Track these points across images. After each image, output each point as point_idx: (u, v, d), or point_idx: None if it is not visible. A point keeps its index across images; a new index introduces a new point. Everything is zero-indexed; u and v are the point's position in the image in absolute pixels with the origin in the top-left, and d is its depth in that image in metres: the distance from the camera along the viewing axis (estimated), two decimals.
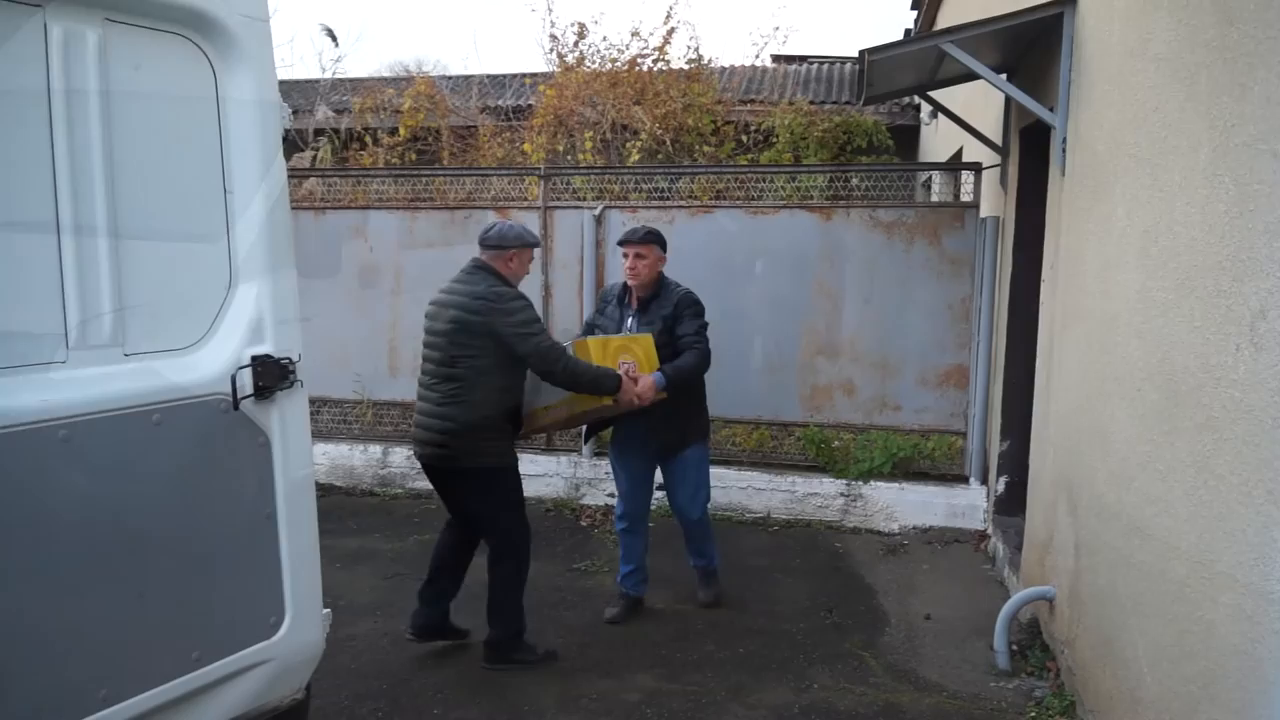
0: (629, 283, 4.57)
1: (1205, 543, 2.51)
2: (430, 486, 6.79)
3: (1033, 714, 3.79)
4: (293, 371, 2.55)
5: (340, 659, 4.12)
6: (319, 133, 10.78)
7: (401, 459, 6.98)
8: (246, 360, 2.44)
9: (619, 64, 9.83)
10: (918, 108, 11.26)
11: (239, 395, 2.42)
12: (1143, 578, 2.97)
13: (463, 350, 3.99)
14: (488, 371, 3.97)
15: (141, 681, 2.30)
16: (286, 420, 2.56)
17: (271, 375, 2.48)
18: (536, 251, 6.59)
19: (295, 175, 7.87)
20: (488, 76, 12.87)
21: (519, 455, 6.68)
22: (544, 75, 11.08)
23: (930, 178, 9.63)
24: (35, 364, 2.08)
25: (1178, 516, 2.71)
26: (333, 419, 7.19)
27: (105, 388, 2.18)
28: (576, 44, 10.29)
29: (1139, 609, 2.99)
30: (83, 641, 2.17)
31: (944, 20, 9.15)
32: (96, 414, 2.15)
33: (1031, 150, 5.24)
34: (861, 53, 4.63)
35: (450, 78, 12.68)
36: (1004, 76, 5.22)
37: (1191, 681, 2.55)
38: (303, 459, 2.64)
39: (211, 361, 2.40)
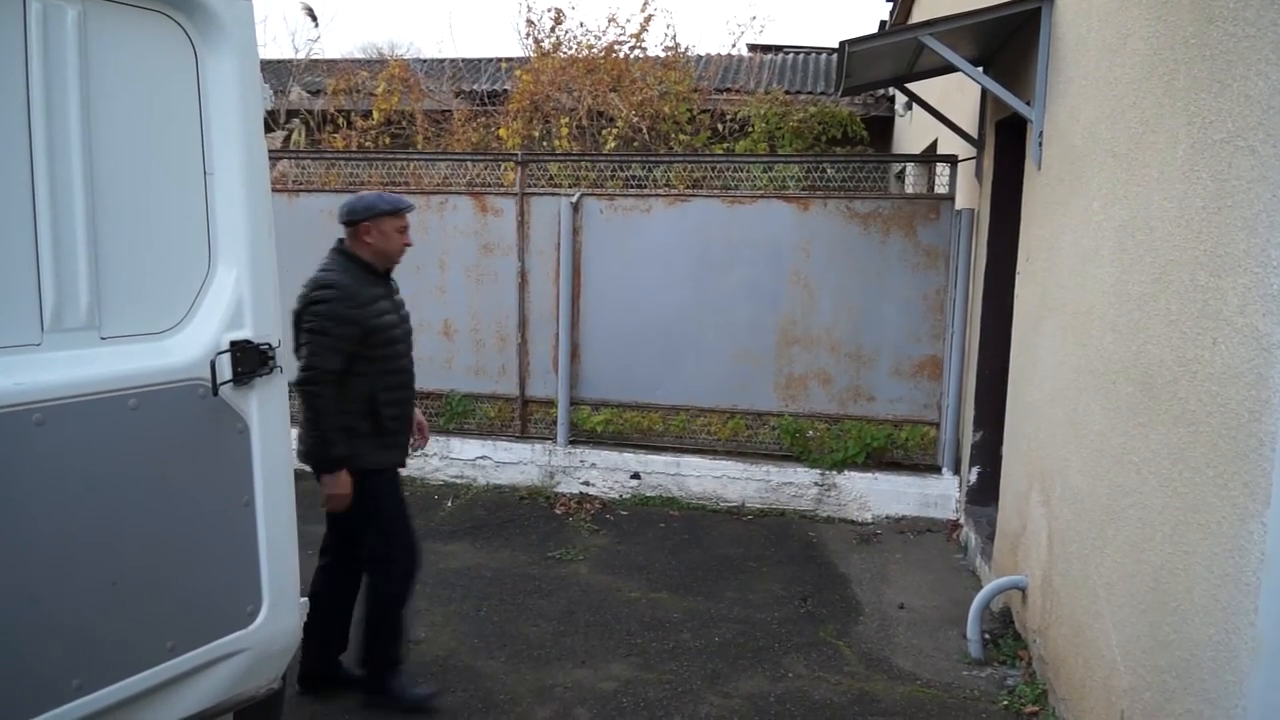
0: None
1: (1180, 534, 2.54)
2: (404, 473, 6.80)
3: (1005, 702, 3.84)
4: (272, 357, 2.51)
5: None
6: (292, 114, 10.64)
7: None
8: (225, 345, 2.40)
9: (595, 50, 9.78)
10: (892, 99, 11.30)
11: (218, 381, 2.38)
12: (1116, 568, 3.01)
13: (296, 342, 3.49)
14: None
15: (115, 671, 2.26)
16: (266, 407, 2.52)
17: (251, 361, 2.45)
18: (514, 238, 6.65)
19: (269, 156, 7.77)
20: (463, 60, 12.76)
21: (496, 443, 6.71)
22: (520, 60, 11.00)
23: (903, 169, 9.68)
24: (9, 346, 2.03)
25: (1152, 508, 2.74)
26: None
27: (81, 371, 2.13)
28: (553, 29, 10.22)
29: (1112, 599, 3.03)
30: (55, 630, 2.13)
31: (919, 13, 9.17)
32: (72, 398, 2.11)
33: (1007, 143, 5.28)
34: (841, 44, 4.63)
35: (424, 61, 12.56)
36: (981, 69, 5.25)
37: (1166, 671, 2.59)
38: (282, 446, 2.61)
39: (190, 346, 2.36)
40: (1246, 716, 2.15)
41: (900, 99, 10.31)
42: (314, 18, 11.38)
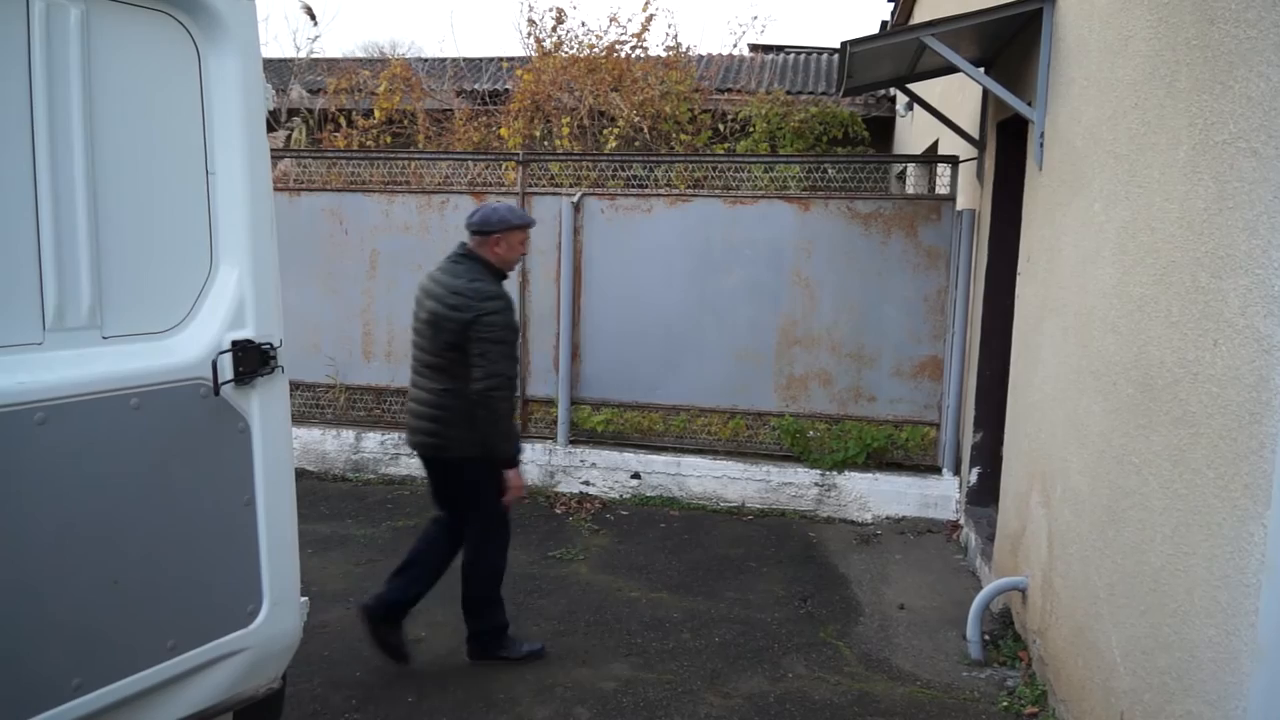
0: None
1: (1180, 535, 2.54)
2: (405, 473, 6.82)
3: (1005, 703, 3.84)
4: (274, 357, 2.51)
5: (312, 646, 4.08)
6: (293, 113, 10.64)
7: (374, 444, 6.93)
8: (227, 345, 2.40)
9: (597, 50, 9.78)
10: (893, 99, 11.30)
11: (219, 380, 2.38)
12: (1116, 569, 3.01)
13: (445, 343, 3.77)
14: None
15: (115, 670, 2.26)
16: (267, 406, 2.52)
17: (252, 360, 2.45)
18: None
19: (271, 156, 7.78)
20: (464, 60, 12.77)
21: None
22: (521, 60, 11.00)
23: (904, 170, 9.68)
24: (11, 345, 2.03)
25: (1153, 509, 2.74)
26: (305, 403, 7.13)
27: (83, 370, 2.13)
28: (554, 29, 10.22)
29: (1112, 600, 3.03)
30: (56, 629, 2.13)
31: (920, 13, 9.17)
32: (74, 397, 2.11)
33: (1008, 144, 5.28)
34: (843, 44, 4.63)
35: (426, 60, 12.57)
36: (982, 70, 5.25)
37: (1166, 673, 2.59)
38: (283, 445, 2.61)
39: (191, 345, 2.36)
40: (1246, 718, 2.15)
41: (901, 99, 10.30)
42: (313, 17, 11.36)
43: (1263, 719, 2.09)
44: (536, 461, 6.71)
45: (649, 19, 10.42)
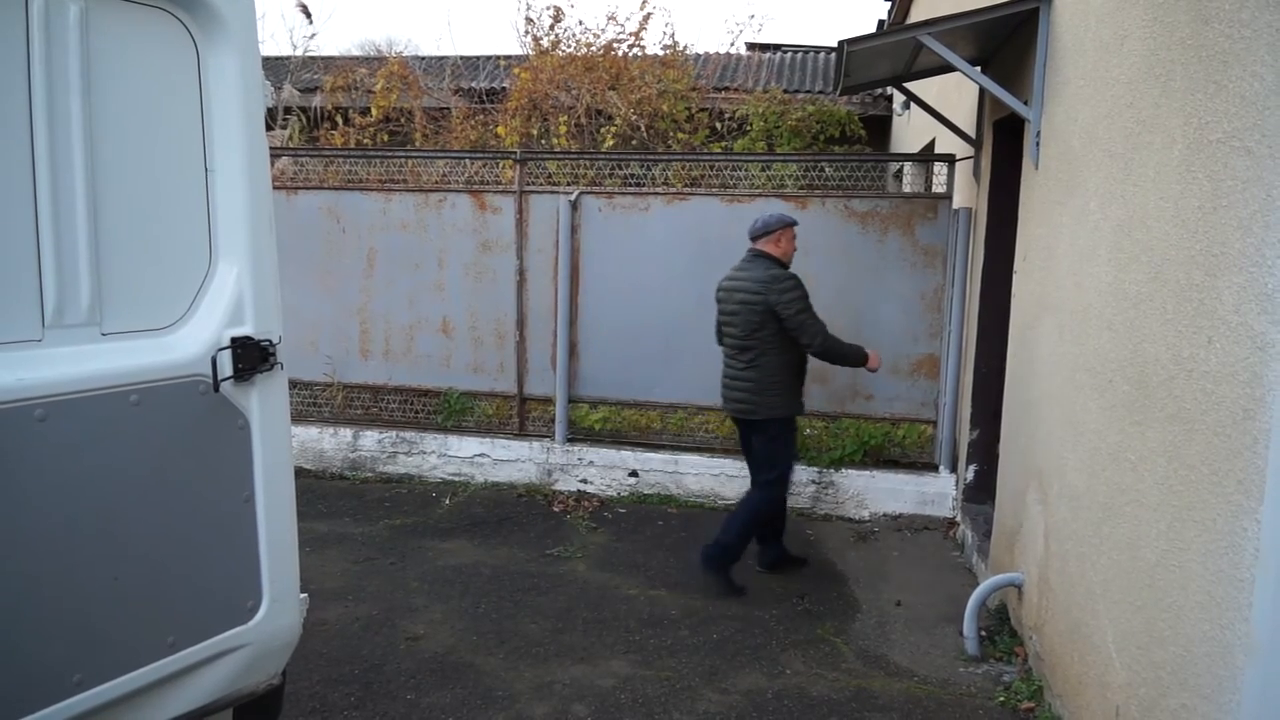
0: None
1: (1175, 531, 2.56)
2: (402, 471, 6.83)
3: (1001, 699, 3.86)
4: (273, 354, 2.52)
5: (311, 644, 4.10)
6: (288, 111, 10.64)
7: (372, 442, 6.93)
8: (226, 341, 2.41)
9: (594, 48, 9.80)
10: (890, 98, 11.31)
11: (219, 377, 2.39)
12: (1112, 565, 3.03)
13: (753, 326, 4.76)
14: (774, 341, 4.78)
15: (115, 666, 2.26)
16: (266, 403, 2.53)
17: (252, 357, 2.45)
18: (512, 236, 6.67)
19: (270, 153, 7.77)
20: (461, 58, 12.76)
21: (494, 441, 6.73)
22: (518, 58, 11.01)
23: (901, 168, 9.70)
24: (11, 342, 2.04)
25: (1148, 505, 2.76)
26: (302, 401, 7.13)
27: (82, 367, 2.13)
28: (552, 27, 10.24)
29: (1108, 595, 3.04)
30: (56, 625, 2.13)
31: (917, 12, 9.19)
32: (73, 394, 2.11)
33: (1005, 143, 5.29)
34: (840, 43, 4.64)
35: (423, 58, 12.56)
36: (979, 69, 5.27)
37: (1161, 667, 2.61)
38: (282, 442, 2.61)
39: (191, 342, 2.36)
40: (1241, 711, 2.16)
41: (898, 98, 10.32)
42: (308, 15, 11.38)
43: (1257, 712, 2.11)
44: (534, 460, 6.73)
45: (646, 18, 10.43)
